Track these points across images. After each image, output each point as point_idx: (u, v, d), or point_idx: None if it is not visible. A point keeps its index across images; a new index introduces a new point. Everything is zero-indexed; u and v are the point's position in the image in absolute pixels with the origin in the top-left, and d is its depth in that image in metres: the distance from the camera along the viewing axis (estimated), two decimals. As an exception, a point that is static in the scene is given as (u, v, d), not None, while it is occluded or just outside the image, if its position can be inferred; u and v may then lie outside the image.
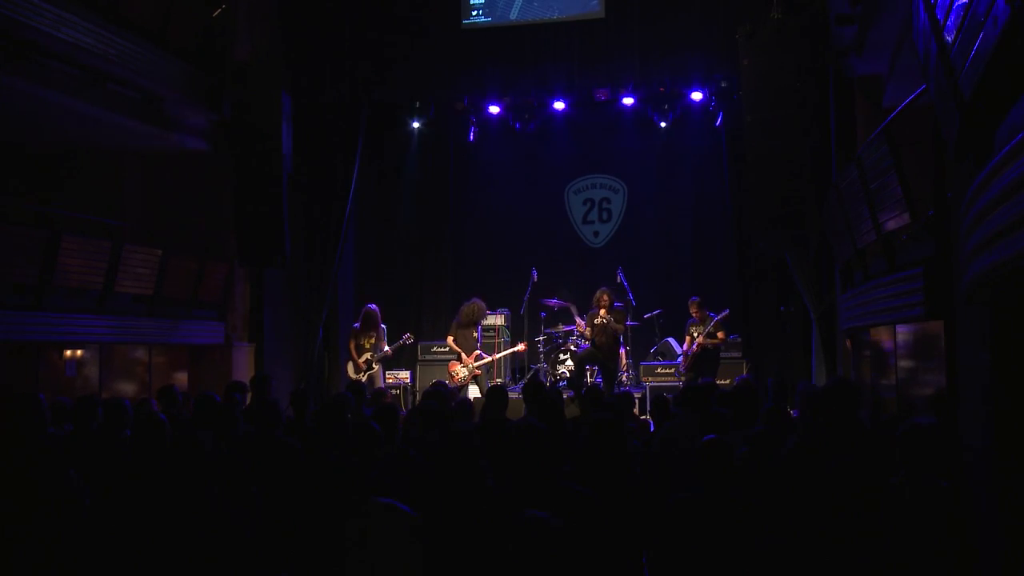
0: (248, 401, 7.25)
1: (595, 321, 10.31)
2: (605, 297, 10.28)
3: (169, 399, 7.04)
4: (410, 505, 3.30)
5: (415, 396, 11.87)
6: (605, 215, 13.78)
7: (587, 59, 11.13)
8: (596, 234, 13.80)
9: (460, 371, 10.66)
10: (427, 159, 13.77)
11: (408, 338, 10.82)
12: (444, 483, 3.28)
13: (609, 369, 10.33)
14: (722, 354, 10.62)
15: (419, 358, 12.30)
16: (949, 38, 3.38)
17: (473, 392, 10.50)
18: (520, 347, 11.24)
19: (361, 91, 11.52)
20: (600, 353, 10.28)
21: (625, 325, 10.44)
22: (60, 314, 8.71)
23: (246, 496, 4.27)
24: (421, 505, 3.30)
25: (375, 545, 3.09)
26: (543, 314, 12.12)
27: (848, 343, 9.32)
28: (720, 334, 10.07)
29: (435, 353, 12.17)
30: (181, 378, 11.11)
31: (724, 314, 10.03)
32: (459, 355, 10.75)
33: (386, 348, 10.45)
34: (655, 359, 11.73)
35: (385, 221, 13.82)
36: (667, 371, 11.18)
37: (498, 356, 11.19)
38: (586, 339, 10.55)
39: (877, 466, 3.82)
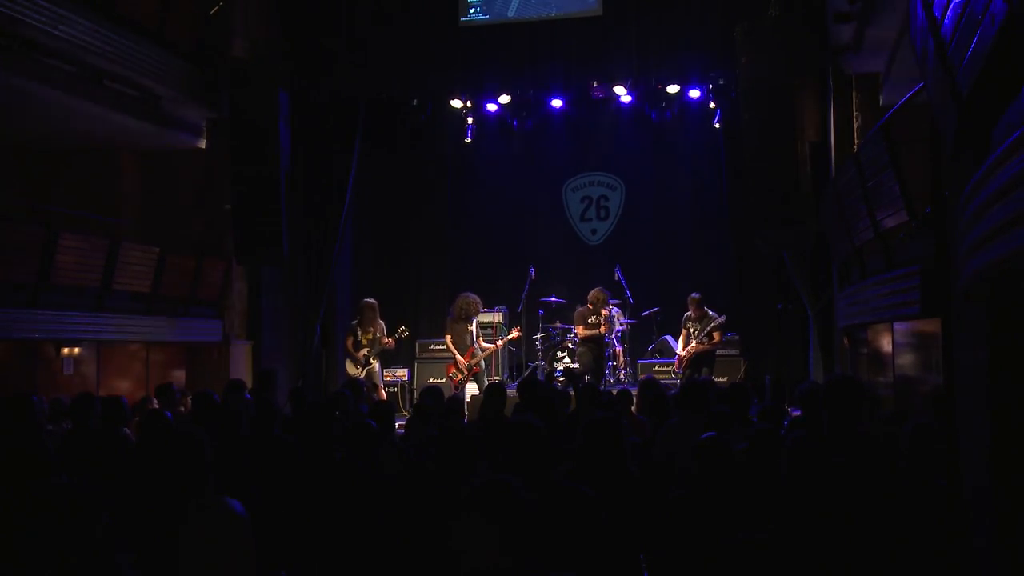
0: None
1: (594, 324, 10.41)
2: (600, 297, 10.43)
3: (168, 397, 7.04)
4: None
5: (413, 394, 11.86)
6: (603, 213, 13.77)
7: (585, 57, 11.11)
8: (594, 232, 13.79)
9: (457, 373, 10.55)
10: (425, 157, 13.74)
11: (403, 331, 10.62)
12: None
13: (600, 366, 10.41)
14: (720, 352, 10.62)
15: (417, 356, 12.30)
16: (946, 36, 3.38)
17: (472, 390, 10.42)
18: (514, 334, 11.15)
19: (359, 89, 11.50)
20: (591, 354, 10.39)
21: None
22: (57, 312, 8.69)
23: (244, 495, 4.26)
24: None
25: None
26: (541, 311, 12.11)
27: (845, 341, 9.34)
28: (716, 334, 10.09)
29: (433, 351, 12.16)
30: (179, 376, 11.12)
31: (720, 320, 10.02)
32: (455, 356, 10.65)
33: (387, 340, 10.33)
34: (653, 357, 11.73)
35: (383, 219, 13.79)
36: (665, 369, 11.17)
37: (493, 347, 11.10)
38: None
39: (877, 464, 3.83)
